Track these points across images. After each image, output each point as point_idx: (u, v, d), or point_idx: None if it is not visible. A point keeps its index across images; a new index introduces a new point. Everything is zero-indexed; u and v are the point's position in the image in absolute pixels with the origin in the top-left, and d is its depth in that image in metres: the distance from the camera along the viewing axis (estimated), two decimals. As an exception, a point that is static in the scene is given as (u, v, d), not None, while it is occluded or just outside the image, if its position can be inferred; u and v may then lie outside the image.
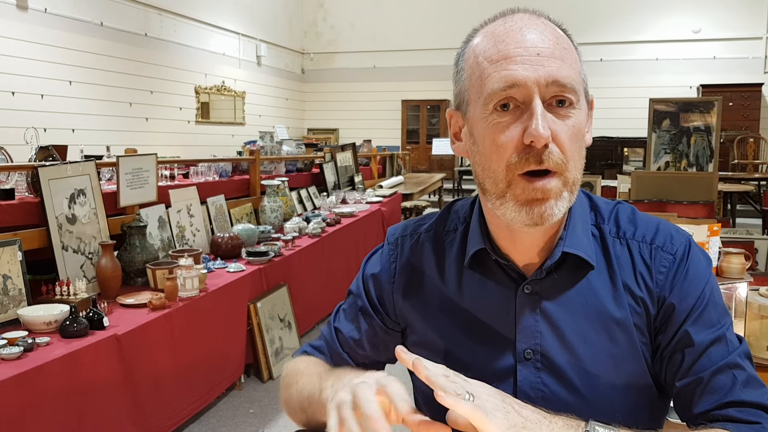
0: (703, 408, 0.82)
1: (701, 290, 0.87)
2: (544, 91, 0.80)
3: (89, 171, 3.01)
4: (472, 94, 0.86)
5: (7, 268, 2.42)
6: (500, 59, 0.81)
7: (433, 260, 0.99)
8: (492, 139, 0.82)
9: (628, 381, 0.87)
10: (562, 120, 0.81)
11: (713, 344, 0.84)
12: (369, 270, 1.05)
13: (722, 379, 0.82)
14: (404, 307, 1.00)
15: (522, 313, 0.90)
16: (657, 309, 0.88)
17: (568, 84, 0.81)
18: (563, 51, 0.83)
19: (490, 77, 0.82)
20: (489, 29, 0.87)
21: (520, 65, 0.80)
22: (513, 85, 0.80)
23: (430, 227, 1.02)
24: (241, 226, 4.03)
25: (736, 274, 2.05)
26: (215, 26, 10.50)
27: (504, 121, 0.81)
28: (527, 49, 0.81)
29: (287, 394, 1.02)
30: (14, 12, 6.70)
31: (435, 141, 12.40)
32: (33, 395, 1.99)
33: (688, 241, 0.91)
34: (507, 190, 0.83)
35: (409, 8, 13.13)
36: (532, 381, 0.88)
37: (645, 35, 11.75)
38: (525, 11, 0.87)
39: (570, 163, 0.82)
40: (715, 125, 4.99)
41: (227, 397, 3.30)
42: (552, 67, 0.80)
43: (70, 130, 7.28)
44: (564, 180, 0.82)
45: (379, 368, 1.04)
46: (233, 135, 10.90)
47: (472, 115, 0.86)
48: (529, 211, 0.82)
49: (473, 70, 0.85)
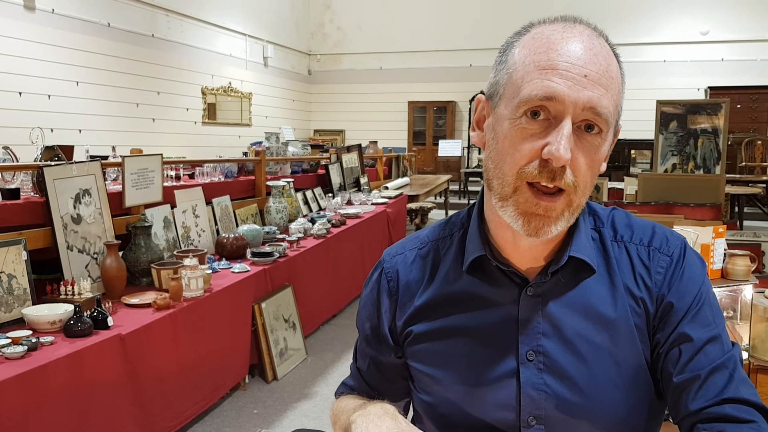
0: (699, 404, 0.83)
1: (698, 290, 0.89)
2: (578, 114, 0.80)
3: (95, 171, 3.02)
4: (509, 90, 0.84)
5: (12, 268, 2.43)
6: (547, 68, 0.80)
7: (431, 269, 0.99)
8: (512, 142, 0.82)
9: (629, 380, 0.88)
10: (585, 146, 0.81)
11: (709, 342, 0.86)
12: (365, 298, 1.06)
13: (719, 377, 0.83)
14: (405, 322, 0.99)
15: (525, 315, 0.90)
16: (656, 308, 0.89)
17: (603, 115, 0.80)
18: (610, 80, 0.81)
19: (532, 82, 0.80)
20: (546, 31, 0.84)
21: (564, 81, 0.79)
22: (551, 97, 0.79)
23: (427, 238, 1.02)
24: (246, 227, 4.04)
25: (742, 276, 2.04)
26: (222, 27, 10.53)
27: (530, 129, 0.81)
28: (577, 67, 0.80)
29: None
30: (22, 12, 6.74)
31: (441, 142, 12.40)
32: (37, 395, 1.99)
33: (683, 244, 0.93)
34: (512, 195, 0.83)
35: (415, 10, 13.14)
36: (535, 382, 0.89)
37: (653, 37, 11.71)
38: (588, 26, 0.85)
39: (580, 189, 0.83)
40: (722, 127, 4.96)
41: (231, 397, 3.30)
42: (594, 94, 0.79)
43: (77, 131, 7.32)
44: (569, 201, 0.83)
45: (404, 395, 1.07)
46: (239, 136, 10.92)
47: (501, 111, 0.85)
48: (526, 223, 0.83)
49: (517, 68, 0.83)
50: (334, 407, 1.08)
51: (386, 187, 7.56)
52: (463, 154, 12.76)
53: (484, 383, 0.91)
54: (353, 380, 1.12)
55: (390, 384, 1.06)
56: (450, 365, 0.94)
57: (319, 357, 3.94)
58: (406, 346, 1.00)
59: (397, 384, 1.05)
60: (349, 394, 1.11)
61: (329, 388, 3.47)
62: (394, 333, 1.02)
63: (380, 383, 1.07)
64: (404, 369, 1.02)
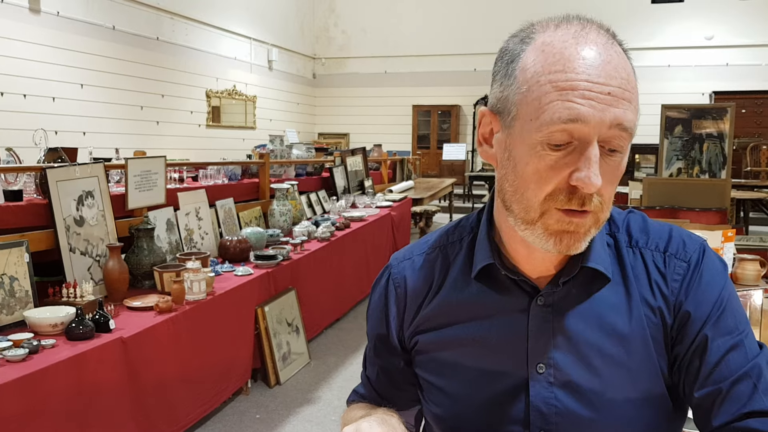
0: (722, 420, 0.79)
1: (717, 296, 0.84)
2: (605, 133, 0.75)
3: (97, 173, 3.01)
4: (524, 111, 0.77)
5: (14, 270, 2.42)
6: (567, 89, 0.74)
7: (439, 275, 0.96)
8: (536, 169, 0.77)
9: (644, 394, 0.84)
10: (610, 165, 0.78)
11: (731, 351, 0.81)
12: (373, 304, 1.03)
13: (741, 389, 0.79)
14: (413, 329, 0.97)
15: (534, 326, 0.86)
16: (673, 318, 0.85)
17: (630, 128, 0.76)
18: (632, 91, 0.77)
19: (553, 105, 0.75)
20: (556, 42, 0.77)
21: (588, 101, 0.74)
22: (576, 120, 0.74)
23: (435, 243, 0.99)
24: (250, 230, 4.02)
25: (751, 281, 2.01)
26: (227, 30, 10.54)
27: (554, 156, 0.76)
28: (599, 85, 0.74)
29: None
30: (27, 15, 6.75)
31: (446, 146, 12.39)
32: (38, 398, 1.97)
33: (701, 247, 0.88)
34: (539, 219, 0.79)
35: (420, 14, 13.15)
36: (546, 396, 0.85)
37: (657, 42, 11.69)
38: (599, 29, 0.79)
39: (606, 206, 0.80)
40: (728, 132, 4.93)
41: (234, 402, 3.28)
42: (619, 110, 0.75)
43: (81, 133, 7.32)
44: (596, 219, 0.80)
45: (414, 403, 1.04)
46: (244, 139, 10.93)
47: (519, 132, 0.79)
48: (558, 242, 0.79)
49: (531, 85, 0.77)
50: (343, 416, 1.06)
51: (390, 190, 7.54)
52: (468, 158, 12.75)
53: (492, 396, 0.88)
54: (364, 389, 1.10)
55: (400, 392, 1.03)
56: (457, 376, 0.91)
57: (323, 361, 3.92)
58: (414, 354, 0.97)
59: (407, 392, 1.03)
60: (360, 402, 1.09)
61: (332, 393, 3.45)
62: (402, 340, 0.99)
63: (390, 391, 1.04)
64: (414, 376, 1.00)
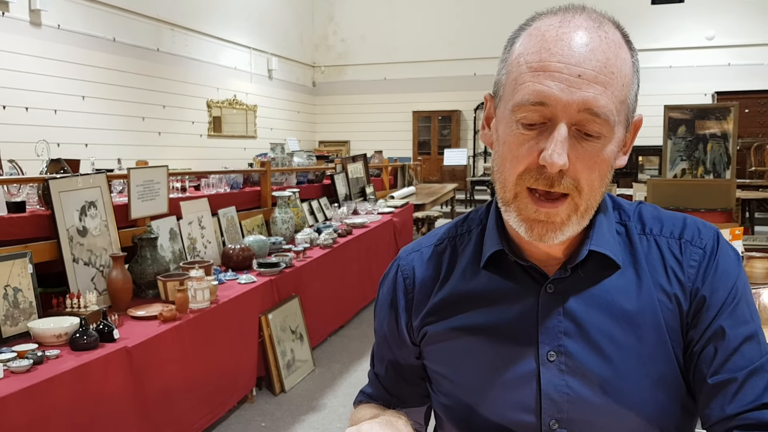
0: (736, 408, 0.79)
1: (733, 284, 0.84)
2: (574, 116, 0.76)
3: (100, 183, 3.00)
4: (506, 92, 0.81)
5: (17, 281, 2.41)
6: (539, 70, 0.76)
7: (448, 266, 0.96)
8: (510, 147, 0.80)
9: (658, 381, 0.84)
10: (585, 148, 0.78)
11: (747, 341, 0.81)
12: (381, 297, 1.03)
13: (757, 381, 0.79)
14: (421, 320, 0.96)
15: (545, 314, 0.86)
16: (689, 303, 0.85)
17: (602, 114, 0.76)
18: (609, 76, 0.77)
19: (524, 86, 0.77)
20: (543, 26, 0.79)
21: (556, 83, 0.75)
22: (543, 102, 0.76)
23: (444, 235, 0.99)
24: (252, 238, 4.01)
25: (760, 279, 2.00)
26: (227, 41, 10.57)
27: (526, 135, 0.78)
28: (569, 67, 0.75)
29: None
30: (28, 28, 6.77)
31: (447, 151, 12.39)
32: (42, 408, 1.96)
33: (716, 234, 0.88)
34: (513, 200, 0.81)
35: (419, 21, 13.17)
36: (557, 384, 0.85)
37: (658, 43, 11.67)
38: (590, 16, 0.79)
39: (585, 191, 0.79)
40: (731, 131, 4.91)
41: (239, 410, 3.26)
42: (589, 94, 0.75)
43: (83, 145, 7.33)
44: (574, 206, 0.79)
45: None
46: (245, 148, 10.93)
47: (501, 113, 0.83)
48: (529, 229, 0.81)
49: (512, 67, 0.81)
50: (351, 417, 1.05)
51: (392, 196, 7.54)
52: (469, 163, 12.74)
53: (502, 385, 0.87)
54: (371, 387, 1.09)
55: (409, 387, 1.02)
56: (467, 365, 0.90)
57: (327, 368, 3.90)
58: (422, 345, 0.97)
59: (416, 387, 1.02)
60: (367, 402, 1.07)
61: (337, 400, 3.43)
62: (411, 332, 0.98)
63: (399, 387, 1.03)
64: (423, 370, 0.99)
